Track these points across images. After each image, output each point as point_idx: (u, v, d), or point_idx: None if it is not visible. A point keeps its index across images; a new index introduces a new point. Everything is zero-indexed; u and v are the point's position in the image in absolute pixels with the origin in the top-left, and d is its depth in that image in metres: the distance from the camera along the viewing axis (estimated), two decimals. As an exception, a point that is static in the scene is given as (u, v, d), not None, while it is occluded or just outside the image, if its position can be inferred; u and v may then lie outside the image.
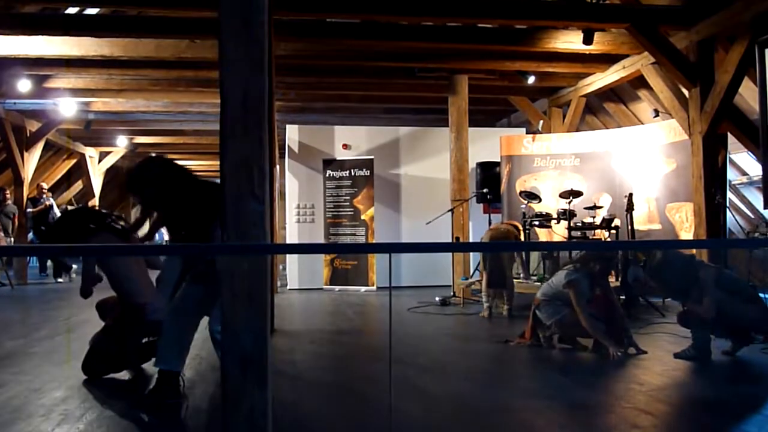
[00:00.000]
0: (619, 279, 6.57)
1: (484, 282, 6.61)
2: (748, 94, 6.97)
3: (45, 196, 11.38)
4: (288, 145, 9.92)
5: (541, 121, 9.68)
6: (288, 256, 10.07)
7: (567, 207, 7.18)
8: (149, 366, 4.09)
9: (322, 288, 9.38)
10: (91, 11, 7.67)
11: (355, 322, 6.62)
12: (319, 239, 9.51)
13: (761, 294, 4.71)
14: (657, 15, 6.54)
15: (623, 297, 6.28)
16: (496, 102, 10.58)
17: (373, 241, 9.29)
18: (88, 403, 3.42)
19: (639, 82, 8.32)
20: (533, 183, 8.84)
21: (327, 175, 9.57)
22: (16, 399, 3.49)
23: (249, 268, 2.08)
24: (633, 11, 6.65)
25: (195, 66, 7.88)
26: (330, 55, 7.90)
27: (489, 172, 9.15)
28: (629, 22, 6.45)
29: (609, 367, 4.35)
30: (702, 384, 4.00)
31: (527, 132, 9.94)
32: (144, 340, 4.10)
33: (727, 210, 6.71)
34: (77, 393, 3.63)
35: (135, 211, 13.86)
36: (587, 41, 6.78)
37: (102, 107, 10.50)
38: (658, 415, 3.20)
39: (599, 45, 7.02)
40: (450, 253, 8.53)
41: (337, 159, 9.69)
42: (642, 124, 9.10)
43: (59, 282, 10.49)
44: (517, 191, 8.60)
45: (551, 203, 8.31)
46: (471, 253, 8.54)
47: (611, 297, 4.86)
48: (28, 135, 10.95)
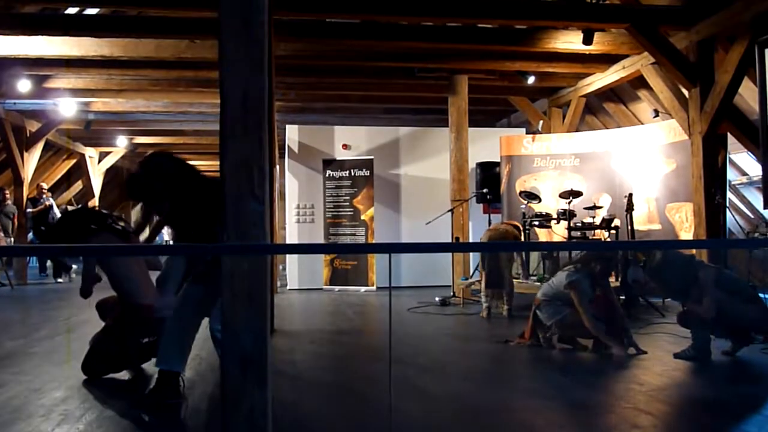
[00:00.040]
0: (619, 279, 6.57)
1: (483, 282, 6.62)
2: (748, 94, 6.97)
3: (45, 196, 11.38)
4: (288, 145, 9.93)
5: (541, 122, 9.68)
6: (288, 256, 10.07)
7: (567, 207, 7.18)
8: (149, 366, 4.10)
9: (321, 288, 9.38)
10: (91, 11, 7.66)
11: (355, 322, 6.61)
12: (319, 239, 9.51)
13: (761, 294, 4.72)
14: (657, 15, 6.55)
15: (623, 297, 6.28)
16: (496, 102, 10.58)
17: (373, 241, 9.29)
18: (88, 403, 3.42)
19: (639, 82, 8.32)
20: (533, 183, 8.85)
21: (327, 175, 9.57)
22: (16, 399, 3.49)
23: (249, 268, 2.08)
24: (633, 11, 6.66)
25: (195, 66, 7.88)
26: (330, 55, 7.90)
27: (489, 172, 9.15)
28: (629, 22, 6.45)
29: (609, 367, 4.35)
30: (702, 384, 4.00)
31: (527, 132, 9.94)
32: (144, 340, 4.10)
33: (727, 210, 6.71)
34: (77, 393, 3.63)
35: (135, 212, 13.85)
36: (587, 41, 6.78)
37: (102, 107, 10.51)
38: (658, 415, 3.20)
39: (599, 45, 7.02)
40: (450, 253, 8.53)
41: (337, 159, 9.69)
42: (642, 124, 9.10)
43: (59, 282, 10.49)
44: (517, 191, 8.60)
45: (551, 203, 8.31)
46: (471, 253, 8.54)
47: (611, 297, 4.86)
48: (28, 135, 10.95)
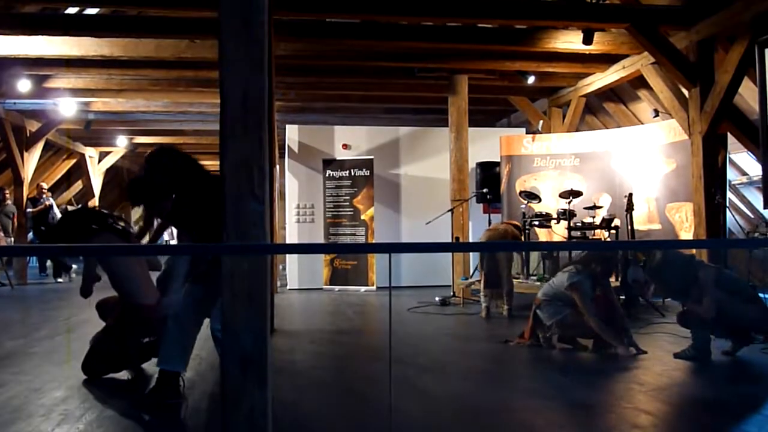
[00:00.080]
0: (619, 279, 6.57)
1: (482, 282, 6.62)
2: (748, 94, 6.97)
3: (45, 196, 11.38)
4: (288, 145, 9.93)
5: (541, 121, 9.68)
6: (288, 256, 10.07)
7: (567, 207, 7.18)
8: (149, 366, 4.10)
9: (321, 288, 9.38)
10: (91, 11, 7.66)
11: (355, 322, 6.62)
12: (319, 239, 9.51)
13: (761, 294, 4.72)
14: (657, 15, 6.55)
15: (623, 297, 6.28)
16: (496, 102, 10.58)
17: (373, 241, 9.29)
18: (88, 403, 3.42)
19: (639, 82, 8.32)
20: (533, 183, 8.85)
21: (327, 175, 9.57)
22: (16, 399, 3.49)
23: (249, 268, 2.08)
24: (633, 11, 6.66)
25: (195, 66, 7.88)
26: (330, 55, 7.90)
27: (489, 172, 9.15)
28: (629, 22, 6.45)
29: (609, 367, 4.35)
30: (702, 384, 4.00)
31: (527, 132, 9.94)
32: (145, 339, 4.10)
33: (727, 210, 6.71)
34: (77, 393, 3.63)
35: (136, 212, 13.85)
36: (587, 41, 6.78)
37: (102, 107, 10.51)
38: (658, 415, 3.20)
39: (599, 45, 7.02)
40: (450, 253, 8.53)
41: (337, 159, 9.69)
42: (642, 124, 9.10)
43: (59, 282, 10.48)
44: (517, 191, 8.60)
45: (551, 203, 8.31)
46: (471, 253, 8.55)
47: (611, 297, 4.86)
48: (28, 135, 10.95)
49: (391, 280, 9.49)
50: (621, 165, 8.29)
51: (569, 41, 7.02)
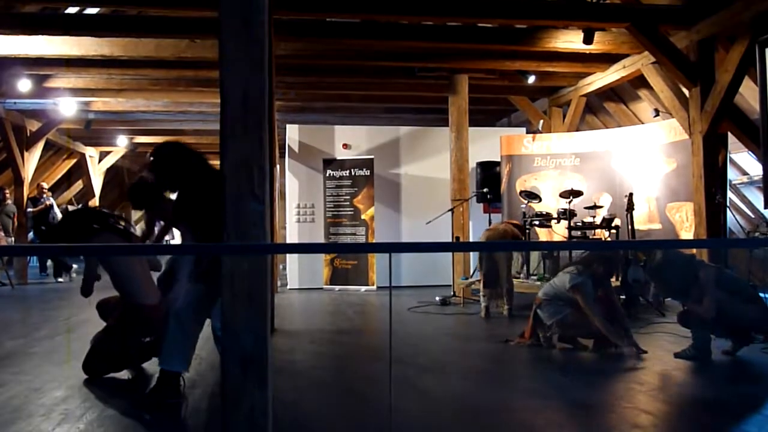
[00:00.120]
0: (620, 279, 6.57)
1: (481, 282, 6.62)
2: (748, 93, 6.96)
3: (45, 195, 11.38)
4: (288, 145, 9.92)
5: (542, 121, 9.68)
6: (288, 255, 10.07)
7: (567, 207, 7.18)
8: (150, 365, 4.10)
9: (322, 288, 9.38)
10: (91, 11, 7.66)
11: (355, 321, 6.62)
12: (319, 239, 9.51)
13: (761, 294, 4.71)
14: (657, 15, 6.54)
15: (623, 297, 6.28)
16: (496, 102, 10.58)
17: (373, 241, 9.29)
18: (88, 403, 3.42)
19: (639, 81, 8.32)
20: (533, 183, 8.84)
21: (327, 175, 9.57)
22: (16, 399, 3.49)
23: (249, 268, 2.08)
24: (633, 11, 6.65)
25: (195, 66, 7.88)
26: (330, 55, 7.90)
27: (489, 171, 9.15)
28: (629, 21, 6.45)
29: (609, 367, 4.35)
30: (702, 384, 4.00)
31: (527, 132, 9.94)
32: (146, 339, 4.10)
33: (728, 210, 6.71)
34: (77, 393, 3.63)
35: (136, 212, 13.84)
36: (587, 41, 6.77)
37: (102, 107, 10.51)
38: (658, 415, 3.20)
39: (599, 44, 7.02)
40: (450, 253, 8.53)
41: (337, 159, 9.69)
42: (642, 123, 9.10)
43: (59, 282, 10.48)
44: (517, 191, 8.60)
45: (551, 203, 8.31)
46: (471, 253, 8.55)
47: (612, 297, 4.86)
48: (28, 135, 10.95)
49: (392, 279, 9.49)
50: (621, 165, 8.29)
51: (569, 41, 7.02)
